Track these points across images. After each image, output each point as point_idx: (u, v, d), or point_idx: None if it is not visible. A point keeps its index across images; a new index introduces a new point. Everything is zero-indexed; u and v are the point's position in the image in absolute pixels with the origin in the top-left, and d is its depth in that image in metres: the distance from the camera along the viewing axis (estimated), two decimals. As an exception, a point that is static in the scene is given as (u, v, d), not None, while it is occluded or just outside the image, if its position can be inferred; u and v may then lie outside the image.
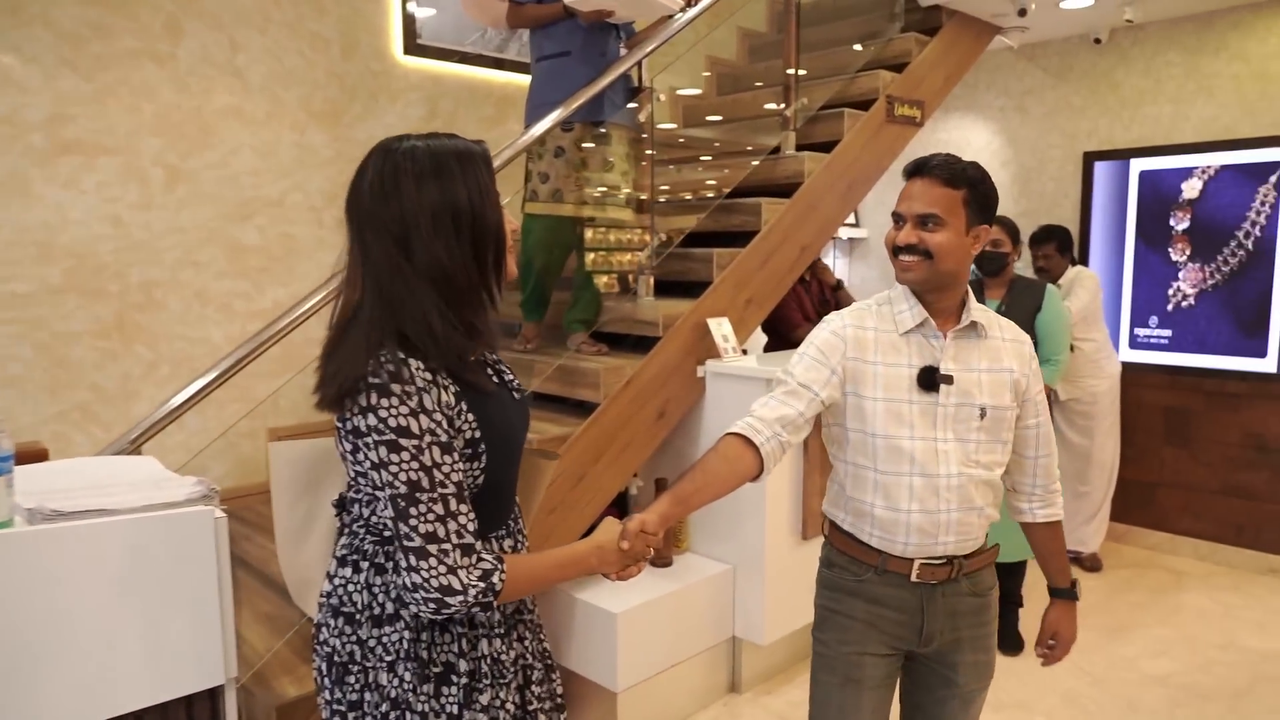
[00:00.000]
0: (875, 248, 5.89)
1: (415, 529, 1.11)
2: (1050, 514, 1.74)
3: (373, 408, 1.11)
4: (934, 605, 1.64)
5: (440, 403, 1.15)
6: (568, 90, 2.96)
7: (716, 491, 1.50)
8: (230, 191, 3.36)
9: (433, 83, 3.85)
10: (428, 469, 1.12)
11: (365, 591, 1.24)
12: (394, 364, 1.12)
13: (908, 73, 3.96)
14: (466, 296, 1.20)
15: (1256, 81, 4.19)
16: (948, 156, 1.59)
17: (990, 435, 1.60)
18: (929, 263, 1.55)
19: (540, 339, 3.34)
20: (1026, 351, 1.66)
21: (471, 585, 1.13)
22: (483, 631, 1.28)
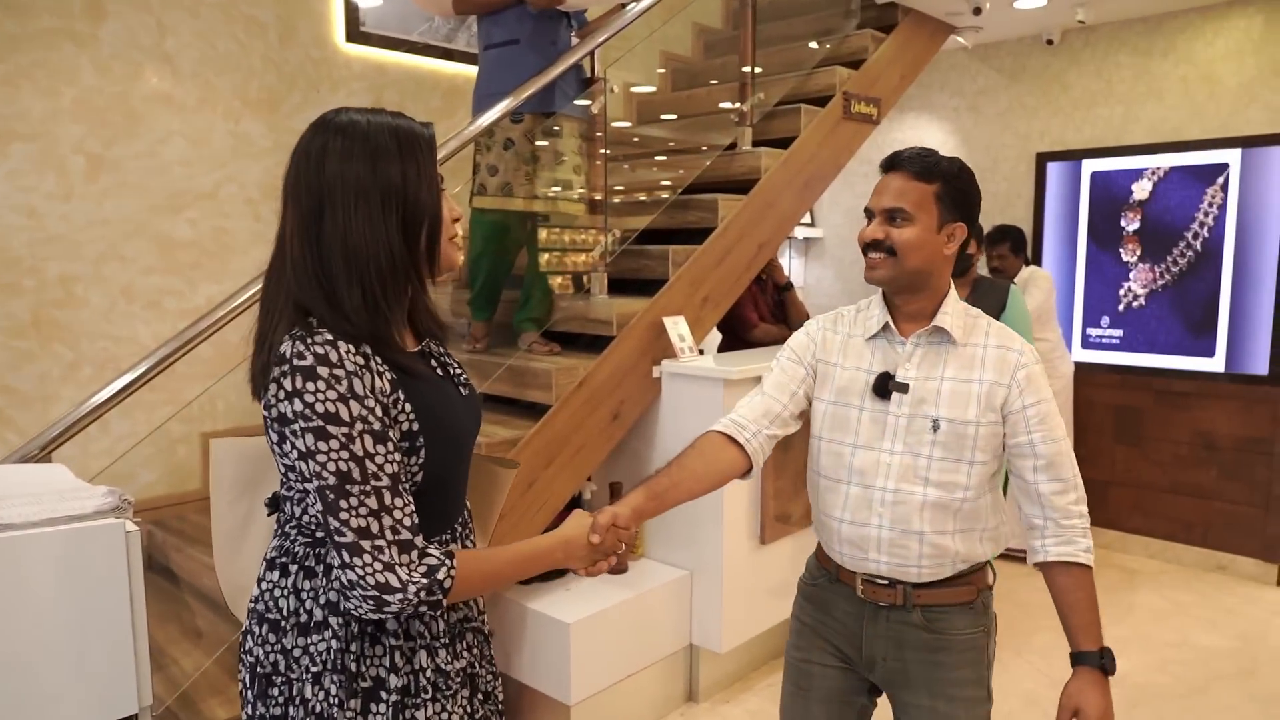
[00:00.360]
0: (830, 248, 5.87)
1: (346, 523, 1.03)
2: (1065, 553, 1.44)
3: (298, 392, 1.03)
4: (875, 627, 1.55)
5: (374, 389, 1.07)
6: (517, 80, 2.84)
7: (693, 489, 1.47)
8: (159, 182, 3.17)
9: (377, 72, 3.70)
10: (359, 459, 1.03)
11: (293, 597, 1.16)
12: (322, 345, 1.04)
13: (864, 70, 3.93)
14: (388, 278, 1.11)
15: (1204, 84, 4.23)
16: (923, 149, 1.50)
17: (948, 452, 1.46)
18: (893, 260, 1.47)
19: (489, 338, 3.22)
20: (1014, 360, 1.46)
21: (412, 582, 1.05)
22: (421, 643, 1.18)
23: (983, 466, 1.47)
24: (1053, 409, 1.47)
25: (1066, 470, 1.46)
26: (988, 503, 1.51)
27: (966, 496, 1.47)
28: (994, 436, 1.47)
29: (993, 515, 1.53)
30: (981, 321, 1.53)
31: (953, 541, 1.48)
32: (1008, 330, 1.52)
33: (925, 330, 1.50)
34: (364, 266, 1.09)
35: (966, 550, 1.50)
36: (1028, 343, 1.50)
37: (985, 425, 1.45)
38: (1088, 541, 1.45)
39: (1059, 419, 1.47)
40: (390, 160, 1.11)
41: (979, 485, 1.47)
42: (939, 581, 1.51)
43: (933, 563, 1.49)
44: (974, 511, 1.49)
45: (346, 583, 1.04)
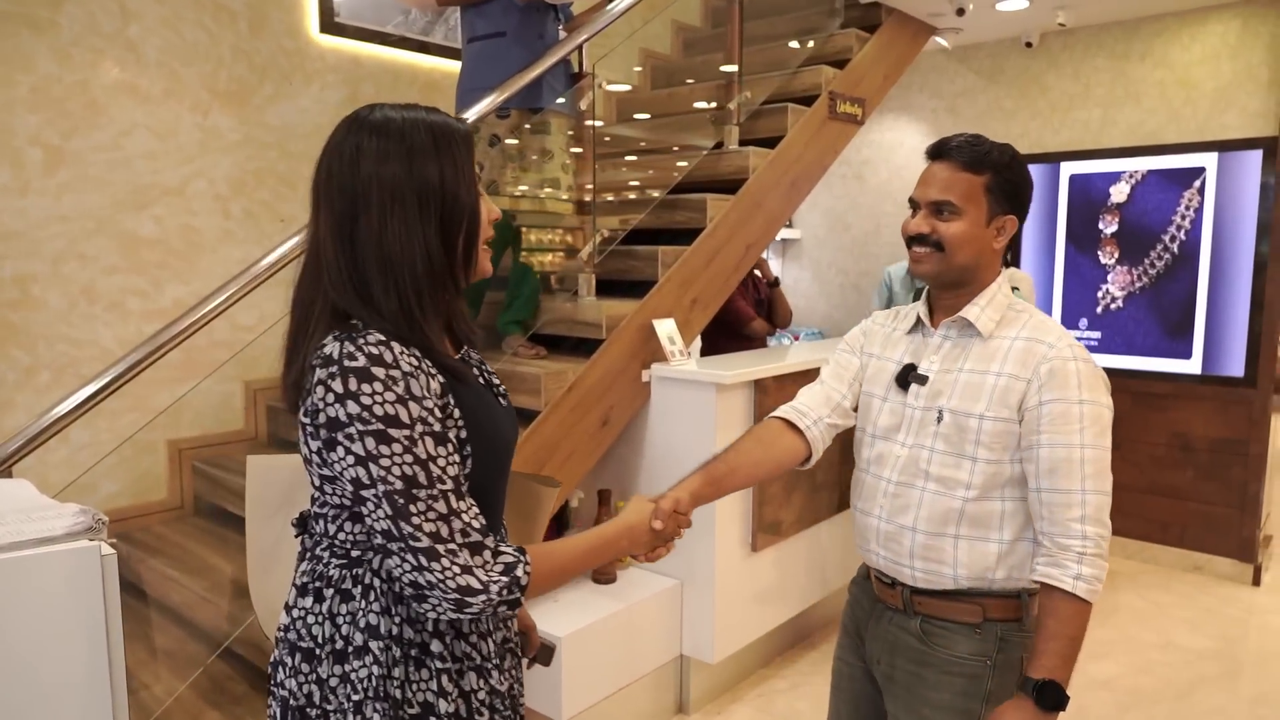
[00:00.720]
0: (808, 249, 5.84)
1: (420, 528, 0.98)
2: (1048, 575, 1.29)
3: (353, 394, 0.98)
4: (878, 627, 1.53)
5: (429, 389, 1.03)
6: (503, 74, 2.75)
7: (751, 474, 1.47)
8: (123, 177, 3.01)
9: (352, 64, 3.57)
10: (423, 462, 0.99)
11: (328, 623, 1.09)
12: (375, 345, 1.00)
13: (849, 69, 3.89)
14: (424, 284, 1.06)
15: (1180, 88, 4.27)
16: (972, 136, 1.42)
17: (949, 446, 1.39)
18: (940, 255, 1.40)
19: (472, 341, 3.11)
20: (1040, 352, 1.34)
21: (493, 582, 1.01)
22: (469, 664, 1.12)
23: (987, 465, 1.37)
24: (1081, 412, 1.31)
25: (1074, 480, 1.30)
26: (1006, 513, 1.38)
27: (969, 497, 1.38)
28: (1005, 435, 1.36)
29: (1017, 531, 1.38)
30: (1024, 315, 1.43)
31: (952, 547, 1.40)
32: (1050, 324, 1.41)
33: (952, 321, 1.45)
34: (400, 272, 1.04)
35: (971, 561, 1.39)
36: (1071, 337, 1.39)
37: (993, 420, 1.36)
38: (1081, 569, 1.28)
39: (1086, 425, 1.31)
40: (427, 159, 1.05)
41: (984, 486, 1.37)
42: (940, 593, 1.43)
43: (926, 565, 1.42)
44: (982, 518, 1.39)
45: (426, 583, 0.99)
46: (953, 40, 4.64)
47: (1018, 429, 1.36)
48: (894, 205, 5.35)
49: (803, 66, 3.86)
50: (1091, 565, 1.29)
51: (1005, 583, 1.40)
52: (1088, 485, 1.30)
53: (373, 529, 1.02)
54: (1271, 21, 4.02)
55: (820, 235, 5.76)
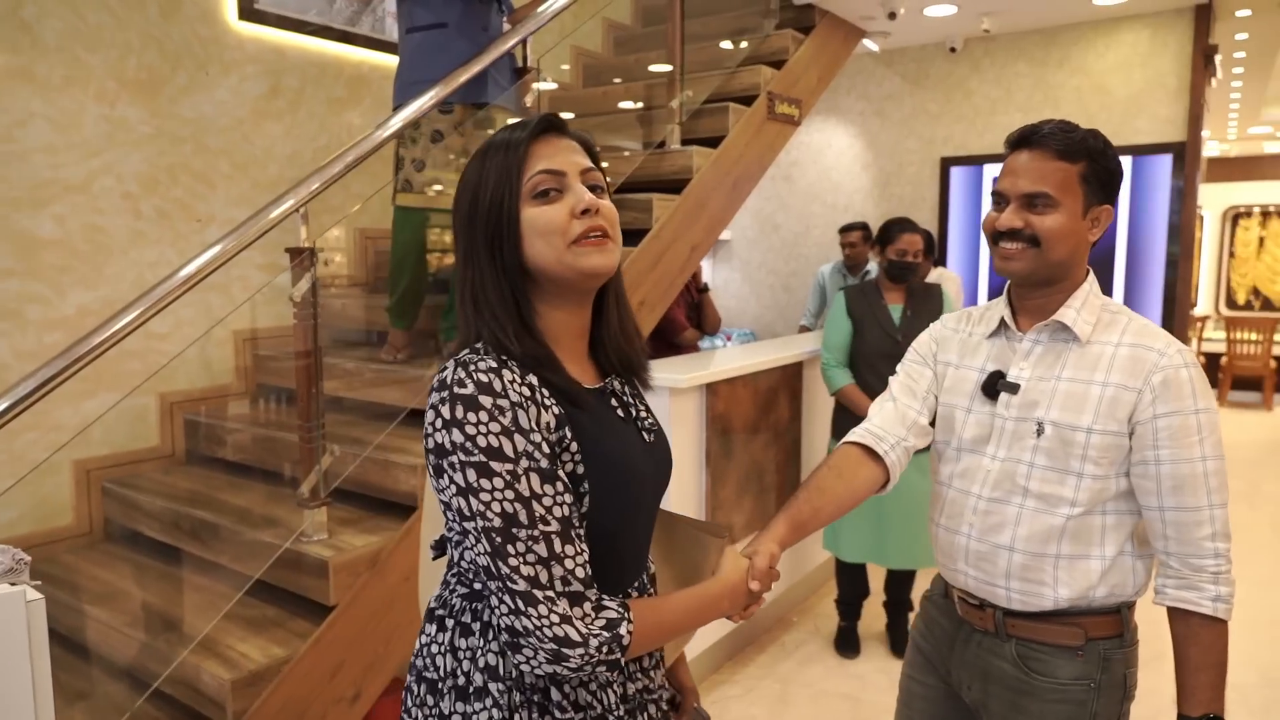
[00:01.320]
0: (739, 250, 5.84)
1: (517, 570, 0.93)
2: (1184, 600, 1.24)
3: (459, 422, 0.93)
4: (966, 650, 1.44)
5: (539, 423, 0.97)
6: (445, 67, 2.61)
7: (834, 513, 1.37)
8: (17, 172, 2.74)
9: (275, 55, 3.35)
10: (525, 500, 0.94)
11: (449, 656, 1.04)
12: (485, 373, 0.95)
13: (786, 70, 3.89)
14: (503, 306, 1.01)
15: (1096, 94, 4.44)
16: (1062, 122, 1.31)
17: (1052, 461, 1.30)
18: (1035, 252, 1.30)
19: (411, 349, 2.96)
20: (1151, 361, 1.26)
21: (594, 635, 0.94)
22: (592, 714, 1.05)
23: (1094, 481, 1.28)
24: (1198, 423, 1.24)
25: (1200, 496, 1.24)
26: (1108, 527, 1.31)
27: (1073, 514, 1.29)
28: (1113, 449, 1.27)
29: (1120, 544, 1.32)
30: (1121, 318, 1.33)
31: (1053, 566, 1.31)
32: (1153, 329, 1.31)
33: (1045, 325, 1.34)
34: (475, 299, 1.03)
35: (1073, 580, 1.31)
36: (1177, 341, 1.30)
37: (1101, 434, 1.27)
38: (1219, 589, 1.24)
39: (1205, 436, 1.25)
40: (473, 178, 1.04)
41: (1090, 503, 1.29)
42: (1037, 615, 1.34)
43: (1024, 586, 1.33)
44: (1083, 534, 1.30)
45: (522, 629, 0.93)
46: (881, 44, 4.71)
47: (1127, 442, 1.27)
48: (822, 206, 5.41)
49: (741, 66, 3.83)
50: (1226, 584, 1.24)
51: (1106, 599, 1.33)
52: (1214, 499, 1.25)
53: (475, 563, 0.97)
54: (1179, 32, 4.22)
55: (751, 236, 5.77)
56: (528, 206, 1.00)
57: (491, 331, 1.00)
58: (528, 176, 1.00)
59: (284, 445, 2.69)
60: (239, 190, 3.23)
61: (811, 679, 3.12)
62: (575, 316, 1.07)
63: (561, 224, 1.00)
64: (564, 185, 1.01)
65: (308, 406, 2.25)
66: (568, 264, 1.00)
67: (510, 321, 1.00)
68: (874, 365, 3.11)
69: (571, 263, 1.00)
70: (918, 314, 3.17)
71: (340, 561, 2.18)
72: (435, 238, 2.86)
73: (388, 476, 2.44)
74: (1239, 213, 9.89)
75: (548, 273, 1.01)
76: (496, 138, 1.05)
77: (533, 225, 1.00)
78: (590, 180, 1.04)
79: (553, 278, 1.01)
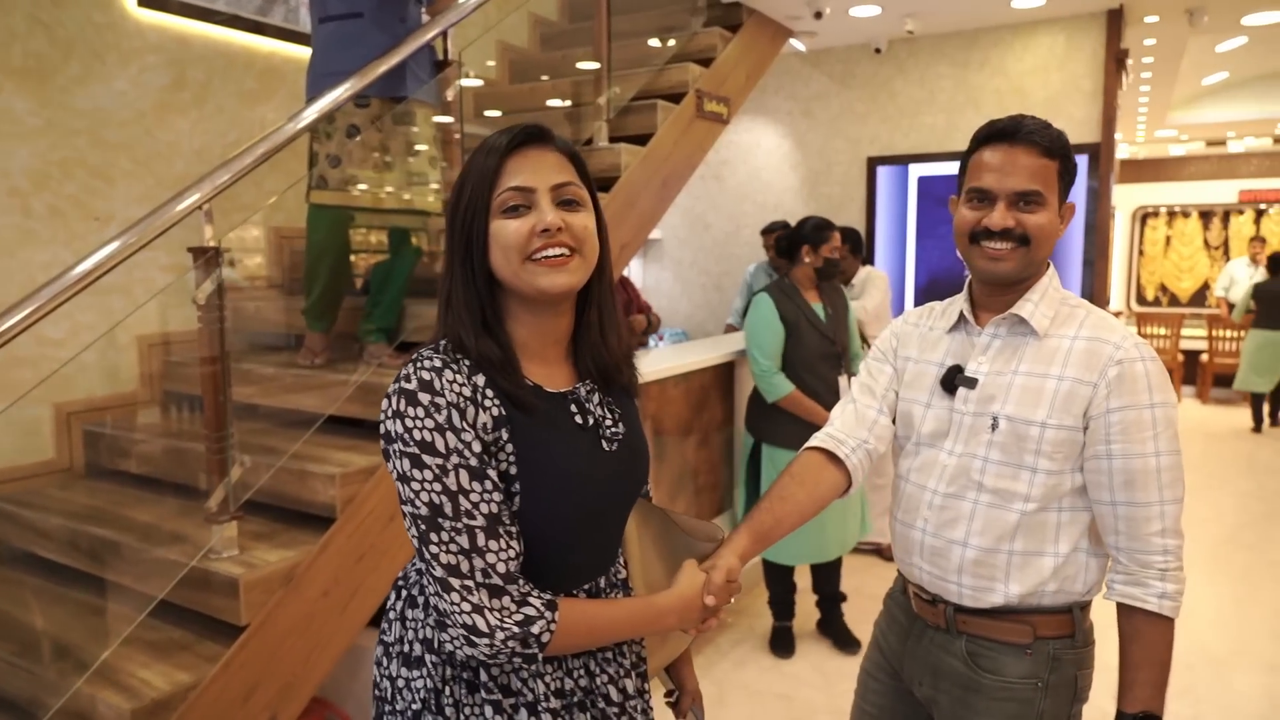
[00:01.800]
0: (669, 249, 5.82)
1: (436, 558, 1.00)
2: (1130, 595, 1.24)
3: (400, 414, 1.01)
4: (918, 646, 1.42)
5: (476, 422, 1.02)
6: (361, 58, 2.49)
7: (797, 520, 1.37)
8: (-111, 167, 2.53)
9: (179, 45, 3.18)
10: (452, 494, 1.00)
11: (400, 623, 1.15)
12: (429, 371, 1.02)
13: (714, 68, 3.87)
14: (469, 310, 1.07)
15: (1015, 96, 4.54)
16: (1036, 119, 1.29)
17: (1006, 455, 1.28)
18: (1024, 251, 1.27)
19: (329, 352, 2.83)
20: (1107, 354, 1.24)
21: (501, 629, 1.00)
22: (522, 700, 1.09)
23: (1048, 476, 1.27)
24: (1152, 418, 1.22)
25: (1151, 492, 1.23)
26: (1063, 524, 1.29)
27: (1026, 510, 1.28)
28: (1067, 444, 1.25)
29: (1074, 541, 1.30)
30: (1080, 311, 1.32)
31: (1005, 563, 1.30)
32: (1110, 322, 1.30)
33: (1003, 319, 1.33)
34: (445, 299, 1.08)
35: (1025, 577, 1.29)
36: (1134, 334, 1.28)
37: (1056, 429, 1.25)
38: (1165, 585, 1.22)
39: (1160, 431, 1.22)
40: (460, 179, 1.08)
41: (1044, 498, 1.27)
42: (987, 611, 1.32)
43: (975, 581, 1.31)
44: (1037, 530, 1.29)
45: (439, 610, 1.02)
46: (808, 44, 4.74)
47: (1081, 437, 1.26)
48: (753, 205, 5.42)
49: (669, 63, 3.80)
50: (1174, 581, 1.23)
51: (1056, 597, 1.31)
52: (1166, 495, 1.23)
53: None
54: (1093, 36, 4.34)
55: (681, 236, 5.75)
56: (495, 220, 1.04)
57: (455, 331, 1.06)
58: (498, 192, 1.04)
59: (193, 456, 2.54)
60: (142, 187, 3.05)
61: (747, 680, 3.10)
62: (549, 323, 1.10)
63: (520, 241, 1.03)
64: (532, 202, 1.04)
65: (215, 415, 2.12)
66: (524, 280, 1.04)
67: (473, 325, 1.05)
68: (813, 367, 3.07)
69: (527, 280, 1.04)
70: (837, 311, 3.18)
71: (252, 579, 2.06)
72: (353, 237, 2.74)
73: (304, 487, 2.32)
74: (1147, 213, 10.32)
75: (508, 285, 1.06)
76: (485, 142, 1.08)
77: (496, 239, 1.04)
78: (564, 195, 1.05)
79: (512, 291, 1.06)
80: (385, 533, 2.35)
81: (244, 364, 2.81)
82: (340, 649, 2.27)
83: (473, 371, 1.03)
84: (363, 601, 2.29)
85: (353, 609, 2.27)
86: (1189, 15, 4.34)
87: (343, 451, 2.43)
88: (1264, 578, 3.93)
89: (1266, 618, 3.54)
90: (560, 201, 1.05)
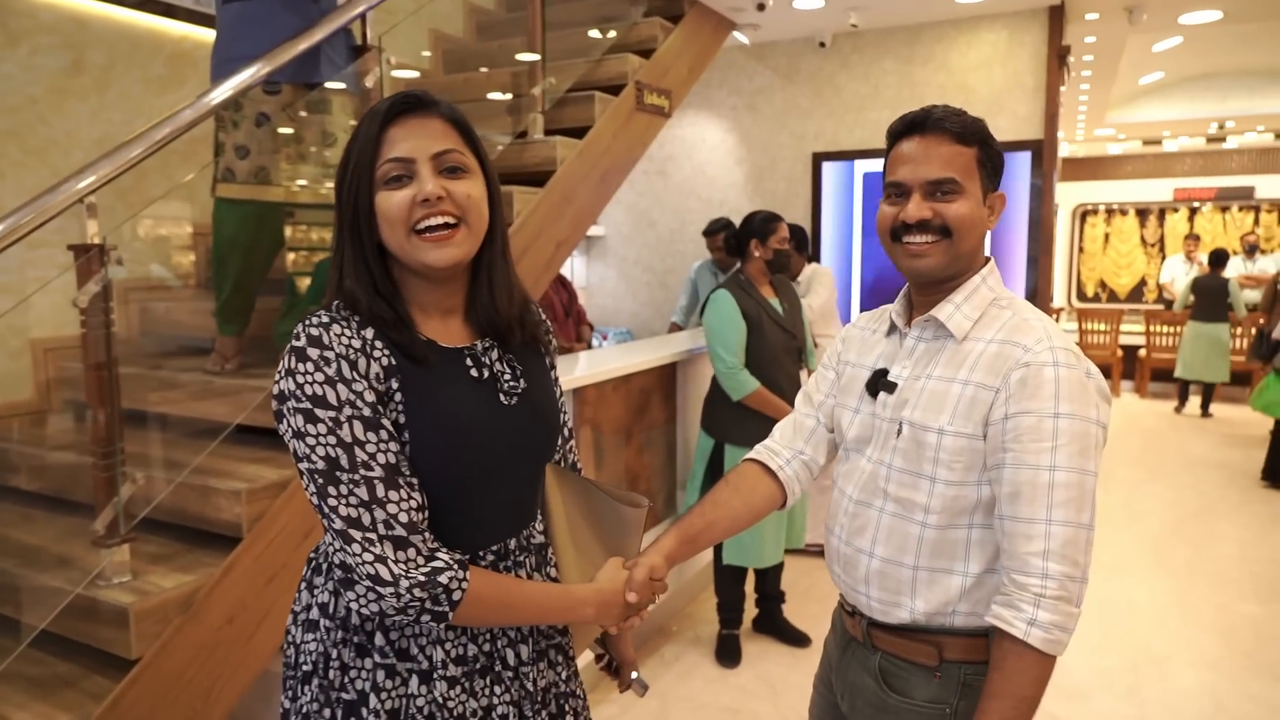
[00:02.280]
0: (613, 246, 5.69)
1: (335, 510, 1.00)
2: (998, 615, 1.11)
3: (291, 371, 1.01)
4: (843, 660, 1.36)
5: (369, 373, 1.02)
6: (269, 41, 2.32)
7: (729, 527, 1.36)
8: None
9: (77, 27, 2.95)
10: (348, 446, 0.99)
11: (307, 590, 1.15)
12: (316, 327, 1.02)
13: (655, 60, 3.75)
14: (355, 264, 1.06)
15: (959, 92, 4.51)
16: (948, 107, 1.23)
17: (906, 463, 1.21)
18: (947, 244, 1.20)
19: (241, 357, 2.64)
20: (1014, 357, 1.15)
21: (406, 577, 0.99)
22: (416, 668, 1.08)
23: (947, 487, 1.18)
24: (1054, 428, 1.11)
25: (1038, 508, 1.10)
26: (973, 542, 1.19)
27: (928, 522, 1.20)
28: (966, 452, 1.16)
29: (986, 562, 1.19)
30: (1005, 314, 1.22)
31: (910, 578, 1.22)
32: (1034, 324, 1.19)
33: (925, 321, 1.26)
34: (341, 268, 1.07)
35: (930, 595, 1.21)
36: (1058, 338, 1.16)
37: (954, 436, 1.17)
38: (1037, 613, 1.08)
39: (1061, 444, 1.10)
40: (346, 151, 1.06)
41: (946, 511, 1.18)
42: (897, 627, 1.25)
43: (882, 594, 1.25)
44: (945, 547, 1.20)
45: (343, 565, 1.01)
46: (751, 37, 4.65)
47: (982, 445, 1.16)
48: (698, 201, 5.32)
49: (608, 54, 3.67)
50: (1051, 610, 1.08)
51: (969, 619, 1.21)
52: (1055, 515, 1.10)
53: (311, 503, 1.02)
54: (1035, 32, 4.33)
55: (625, 232, 5.63)
56: (379, 191, 1.03)
57: (348, 295, 1.05)
58: (379, 163, 1.03)
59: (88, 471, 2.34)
60: (35, 179, 2.82)
61: (692, 692, 2.99)
62: (440, 290, 1.10)
63: (402, 214, 1.02)
64: (413, 172, 1.03)
65: (102, 428, 1.94)
66: (408, 254, 1.04)
67: (365, 292, 1.04)
68: (777, 361, 3.04)
69: (411, 253, 1.04)
70: (792, 306, 3.15)
71: (144, 607, 1.88)
72: (266, 233, 2.56)
73: (207, 504, 2.15)
74: (1087, 210, 10.50)
75: (397, 257, 1.05)
76: (370, 110, 1.07)
77: (380, 212, 1.03)
78: (447, 163, 1.05)
79: (401, 262, 1.06)
80: (299, 551, 2.19)
81: (146, 370, 2.62)
82: (249, 679, 2.10)
83: (362, 326, 1.03)
84: (274, 626, 2.13)
85: (262, 635, 2.11)
86: (1129, 13, 4.35)
87: (252, 464, 2.25)
88: (1205, 573, 3.96)
89: (1209, 614, 3.54)
90: (443, 169, 1.05)
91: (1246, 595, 3.72)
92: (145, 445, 2.34)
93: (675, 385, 3.51)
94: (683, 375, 3.56)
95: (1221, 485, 5.30)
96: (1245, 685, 2.98)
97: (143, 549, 2.08)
